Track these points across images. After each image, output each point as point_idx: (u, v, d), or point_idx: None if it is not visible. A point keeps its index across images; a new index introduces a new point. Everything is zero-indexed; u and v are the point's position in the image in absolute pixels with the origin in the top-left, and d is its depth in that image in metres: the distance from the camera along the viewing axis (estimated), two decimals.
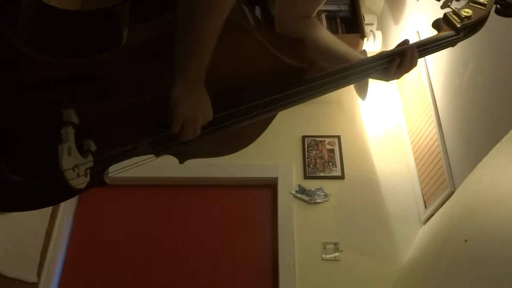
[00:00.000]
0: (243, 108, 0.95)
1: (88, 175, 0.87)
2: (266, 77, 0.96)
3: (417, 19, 2.40)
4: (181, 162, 1.12)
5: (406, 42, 1.08)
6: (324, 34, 1.12)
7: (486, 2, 1.11)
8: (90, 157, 0.88)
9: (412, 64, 1.06)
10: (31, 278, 2.19)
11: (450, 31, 1.11)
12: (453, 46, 1.14)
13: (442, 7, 1.13)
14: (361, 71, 1.04)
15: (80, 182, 0.85)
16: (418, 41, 1.10)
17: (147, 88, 0.90)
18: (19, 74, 0.83)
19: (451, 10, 1.12)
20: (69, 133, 0.82)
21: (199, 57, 0.82)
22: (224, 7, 0.79)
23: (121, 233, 2.52)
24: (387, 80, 1.10)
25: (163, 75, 0.84)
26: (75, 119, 0.84)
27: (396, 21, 2.75)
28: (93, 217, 2.56)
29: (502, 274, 1.17)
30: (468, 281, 1.36)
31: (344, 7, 2.73)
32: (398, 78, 1.08)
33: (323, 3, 1.10)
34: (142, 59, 0.87)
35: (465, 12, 1.10)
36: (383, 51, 1.08)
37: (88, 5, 2.72)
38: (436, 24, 1.14)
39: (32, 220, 2.23)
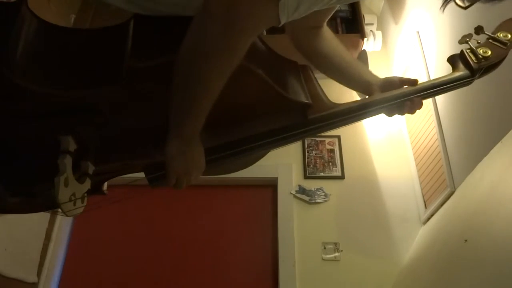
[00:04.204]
0: (241, 149, 0.94)
1: (85, 199, 0.87)
2: (268, 110, 0.94)
3: (417, 19, 2.40)
4: None
5: (412, 83, 1.03)
6: (333, 44, 1.09)
7: (507, 41, 1.03)
8: (87, 181, 0.87)
9: (415, 109, 1.04)
10: (31, 278, 2.19)
11: (464, 71, 1.04)
12: (467, 85, 1.08)
13: (460, 42, 1.06)
14: (366, 113, 1.02)
15: (78, 211, 0.85)
16: (432, 82, 1.05)
17: (146, 114, 0.90)
18: (15, 105, 0.82)
19: (468, 47, 1.04)
20: (66, 163, 0.80)
21: (197, 119, 0.81)
22: (226, 73, 0.76)
23: (121, 233, 2.52)
24: (388, 116, 1.08)
25: (161, 103, 0.82)
26: (72, 147, 0.83)
27: (396, 21, 2.75)
28: (93, 217, 2.56)
29: (502, 274, 1.17)
30: (468, 281, 1.36)
31: (344, 7, 2.73)
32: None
33: (333, 12, 1.05)
34: (141, 93, 0.85)
35: (483, 51, 1.02)
36: (388, 82, 1.06)
37: (87, 8, 2.73)
38: (451, 60, 1.08)
39: (32, 220, 2.23)
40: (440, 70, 2.10)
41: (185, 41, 0.75)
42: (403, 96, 1.02)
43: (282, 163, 2.59)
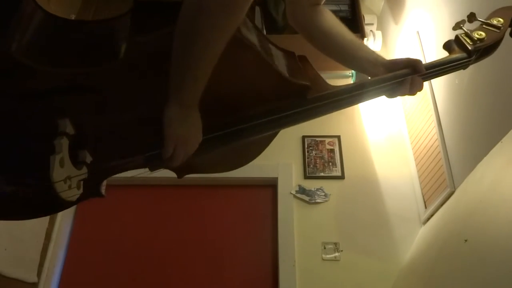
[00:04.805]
0: (242, 128, 0.93)
1: (81, 187, 0.85)
2: (268, 94, 0.93)
3: (417, 19, 2.40)
4: (179, 177, 1.11)
5: (415, 64, 1.04)
6: (333, 22, 1.10)
7: (501, 25, 1.06)
8: (84, 169, 0.86)
9: (416, 92, 1.04)
10: (31, 278, 2.19)
11: (461, 53, 1.06)
12: (464, 68, 1.10)
13: (454, 28, 1.09)
14: (365, 93, 1.02)
15: (72, 194, 0.83)
16: (429, 63, 1.07)
17: (144, 101, 0.89)
18: (14, 83, 0.82)
19: (463, 31, 1.07)
20: (63, 144, 0.80)
21: (197, 82, 0.81)
22: (227, 32, 0.77)
23: (121, 233, 2.52)
24: (389, 98, 1.08)
25: (161, 89, 0.83)
26: (70, 130, 0.82)
27: (396, 21, 2.75)
28: (93, 217, 2.56)
29: (502, 274, 1.17)
30: (468, 281, 1.36)
31: (344, 7, 2.72)
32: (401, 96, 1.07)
33: None
34: (141, 72, 0.85)
35: (478, 34, 1.05)
36: (394, 63, 1.06)
37: (87, 8, 2.73)
38: (447, 46, 1.10)
39: (32, 220, 2.22)
40: None
41: None
42: (403, 76, 1.02)
43: (282, 163, 2.59)
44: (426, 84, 2.35)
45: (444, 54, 1.12)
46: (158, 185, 2.61)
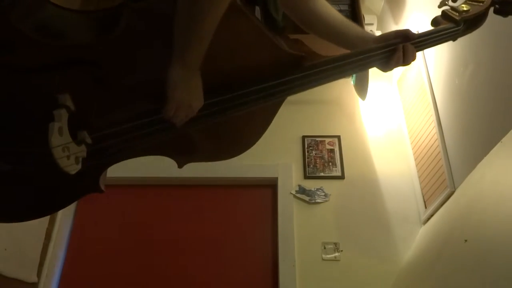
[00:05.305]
0: (240, 93, 0.95)
1: (80, 163, 0.84)
2: (265, 65, 0.96)
3: (417, 19, 2.40)
4: (180, 166, 1.12)
5: (405, 33, 1.08)
6: (323, 4, 1.14)
7: (483, 0, 1.15)
8: (83, 147, 0.86)
9: (410, 60, 1.07)
10: (31, 278, 2.19)
11: (449, 24, 1.13)
12: (453, 40, 1.16)
13: (440, 6, 1.16)
14: (360, 60, 1.05)
15: (70, 164, 0.81)
16: (419, 34, 1.11)
17: (144, 75, 0.89)
18: (16, 55, 0.82)
19: (449, 7, 1.15)
20: (62, 114, 0.79)
21: (200, 42, 0.82)
22: None
23: (121, 233, 2.52)
24: (384, 71, 1.11)
25: (161, 60, 0.83)
26: (70, 105, 0.82)
27: (396, 21, 2.75)
28: (93, 217, 2.56)
29: (502, 274, 1.17)
30: (468, 281, 1.36)
31: (344, 7, 2.73)
32: (396, 67, 1.10)
33: None
34: (140, 41, 0.86)
35: (463, 7, 1.14)
36: (384, 36, 1.09)
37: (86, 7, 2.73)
38: (434, 22, 1.17)
39: (32, 220, 2.23)
40: (440, 69, 2.11)
41: None
42: (395, 44, 1.06)
43: (282, 163, 2.60)
44: (425, 84, 2.37)
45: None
46: (158, 185, 2.61)
